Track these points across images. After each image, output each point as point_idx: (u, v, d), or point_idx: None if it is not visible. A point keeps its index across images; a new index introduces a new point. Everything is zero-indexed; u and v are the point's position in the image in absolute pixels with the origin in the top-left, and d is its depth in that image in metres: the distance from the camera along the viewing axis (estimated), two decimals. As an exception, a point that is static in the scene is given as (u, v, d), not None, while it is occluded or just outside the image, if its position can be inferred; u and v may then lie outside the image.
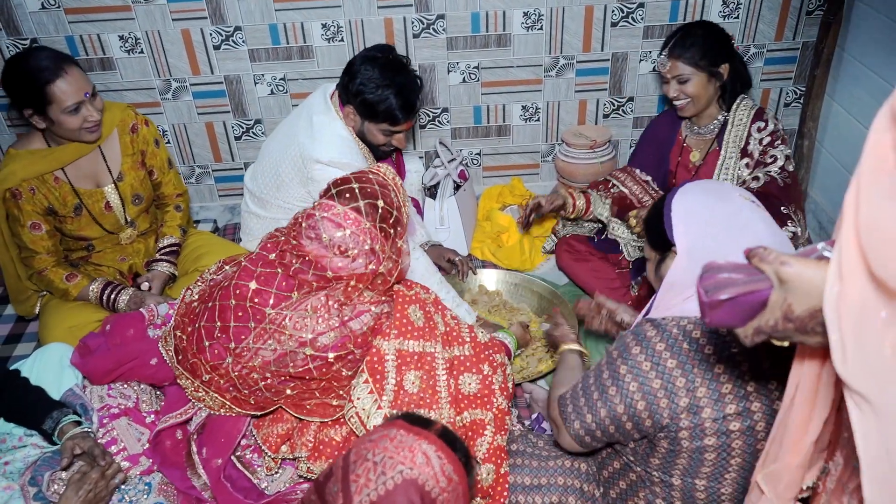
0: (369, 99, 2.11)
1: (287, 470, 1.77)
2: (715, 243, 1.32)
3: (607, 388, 1.38)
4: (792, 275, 0.79)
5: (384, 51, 2.17)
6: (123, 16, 2.58)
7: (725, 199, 1.37)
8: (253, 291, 1.60)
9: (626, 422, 1.37)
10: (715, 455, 1.32)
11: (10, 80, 2.00)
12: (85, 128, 2.06)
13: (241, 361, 1.60)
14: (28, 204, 2.09)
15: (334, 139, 2.19)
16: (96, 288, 2.19)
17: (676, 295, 1.37)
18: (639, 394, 1.33)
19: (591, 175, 2.83)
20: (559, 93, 2.86)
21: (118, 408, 1.81)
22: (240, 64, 2.71)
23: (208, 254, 2.42)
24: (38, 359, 1.91)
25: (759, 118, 2.23)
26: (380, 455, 1.05)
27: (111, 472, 1.62)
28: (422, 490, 1.03)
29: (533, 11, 2.66)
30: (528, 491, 1.61)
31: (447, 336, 1.76)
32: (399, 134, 2.22)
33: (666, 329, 1.34)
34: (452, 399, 1.69)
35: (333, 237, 1.54)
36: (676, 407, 1.29)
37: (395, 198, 1.63)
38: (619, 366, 1.37)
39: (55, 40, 2.60)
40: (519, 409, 2.09)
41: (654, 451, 1.39)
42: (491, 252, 2.75)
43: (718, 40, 2.19)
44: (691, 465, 1.35)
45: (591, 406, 1.41)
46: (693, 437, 1.30)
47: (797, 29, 2.73)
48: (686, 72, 2.17)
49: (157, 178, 2.38)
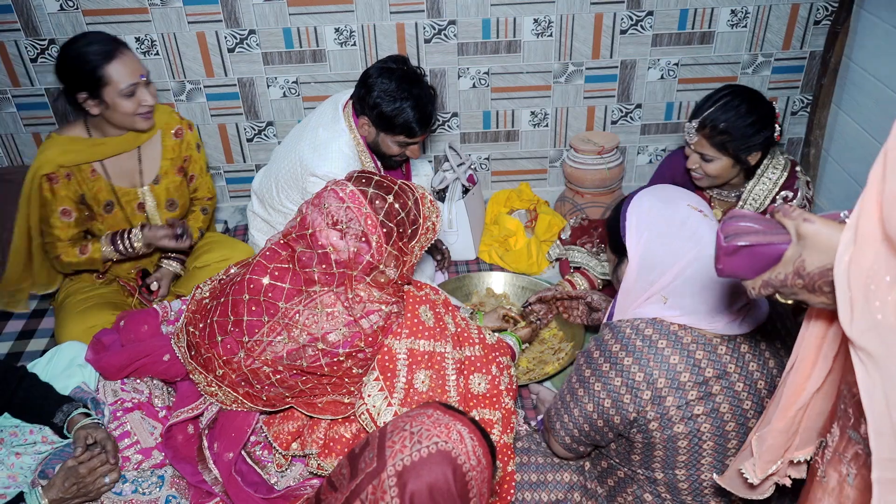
0: (386, 112, 2.12)
1: (297, 466, 1.79)
2: (664, 250, 1.38)
3: (576, 391, 1.48)
4: (811, 231, 0.81)
5: (399, 62, 2.17)
6: (140, 18, 2.62)
7: (674, 207, 1.41)
8: (267, 286, 1.63)
9: (597, 419, 1.45)
10: (687, 442, 1.39)
11: (65, 64, 2.00)
12: (139, 113, 2.06)
13: (253, 355, 1.63)
14: (63, 189, 2.09)
15: (335, 154, 2.20)
16: (107, 245, 2.18)
17: (632, 301, 1.45)
18: (604, 392, 1.41)
19: (598, 181, 2.86)
20: (568, 99, 2.89)
21: (131, 402, 1.83)
22: (253, 67, 2.75)
23: (211, 251, 2.44)
24: (52, 358, 1.94)
25: (789, 187, 2.05)
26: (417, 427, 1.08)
27: (103, 470, 1.62)
28: (454, 463, 1.05)
29: (543, 18, 2.69)
30: (534, 488, 1.64)
31: (458, 337, 1.78)
32: (414, 145, 2.23)
33: (620, 330, 1.43)
34: (462, 398, 1.71)
35: (331, 206, 1.57)
36: (640, 400, 1.37)
37: (414, 206, 1.64)
38: (584, 370, 1.46)
39: (72, 41, 2.64)
40: (525, 409, 2.11)
41: (633, 448, 1.46)
42: (498, 255, 2.78)
43: (757, 125, 1.94)
44: (667, 455, 1.42)
45: (567, 408, 1.51)
46: (663, 426, 1.38)
47: (804, 38, 2.76)
48: (711, 153, 1.99)
49: (194, 182, 2.39)
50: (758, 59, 2.80)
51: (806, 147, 2.89)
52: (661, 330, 1.39)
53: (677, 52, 2.79)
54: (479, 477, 1.08)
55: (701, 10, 2.69)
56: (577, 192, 2.93)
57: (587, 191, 2.90)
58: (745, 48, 2.78)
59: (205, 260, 2.40)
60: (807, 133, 2.89)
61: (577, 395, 1.47)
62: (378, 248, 1.58)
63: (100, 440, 1.65)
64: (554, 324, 2.42)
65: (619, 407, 1.40)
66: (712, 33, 2.75)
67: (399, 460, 1.04)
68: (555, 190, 3.11)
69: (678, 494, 1.46)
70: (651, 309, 1.41)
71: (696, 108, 2.01)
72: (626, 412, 1.39)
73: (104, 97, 2.00)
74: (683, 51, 2.79)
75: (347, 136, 2.23)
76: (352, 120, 2.23)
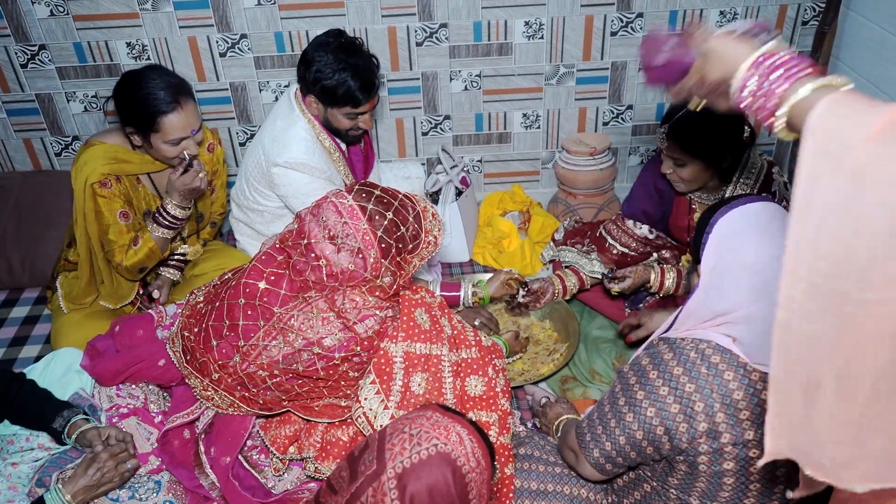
0: (328, 85, 2.11)
1: (294, 470, 1.79)
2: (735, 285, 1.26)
3: (624, 416, 1.37)
4: (710, 48, 1.03)
5: (336, 35, 2.16)
6: (131, 23, 2.62)
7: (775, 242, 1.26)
8: (262, 291, 1.63)
9: (646, 447, 1.36)
10: (734, 480, 1.31)
11: (124, 99, 2.00)
12: (180, 157, 2.06)
13: (249, 359, 1.63)
14: (117, 191, 2.08)
15: (293, 141, 2.21)
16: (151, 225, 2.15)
17: (695, 323, 1.35)
18: (657, 419, 1.32)
19: (590, 182, 2.87)
20: (559, 101, 2.90)
21: (127, 407, 1.83)
22: (245, 71, 2.75)
23: (207, 260, 2.45)
24: (49, 364, 1.93)
25: (766, 190, 2.07)
26: (416, 429, 1.08)
27: (124, 456, 1.63)
28: (454, 465, 1.06)
29: (534, 21, 2.70)
30: (535, 497, 1.61)
31: (454, 339, 1.78)
32: (364, 115, 2.22)
33: (683, 352, 1.31)
34: (458, 400, 1.71)
35: (328, 220, 1.57)
36: (695, 432, 1.28)
37: (414, 221, 1.64)
38: (636, 391, 1.35)
39: (63, 47, 2.64)
40: (522, 411, 2.12)
41: (673, 472, 1.38)
42: (492, 257, 2.79)
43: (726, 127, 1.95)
44: (710, 489, 1.34)
45: (609, 433, 1.40)
46: (712, 461, 1.30)
47: (792, 39, 2.79)
48: (683, 157, 2.00)
49: (213, 194, 2.39)
50: (747, 60, 2.82)
51: (795, 146, 2.91)
52: (730, 361, 1.28)
53: (667, 53, 2.80)
54: (478, 478, 1.09)
55: (690, 11, 2.71)
56: (569, 193, 2.94)
57: (580, 192, 2.91)
58: (734, 49, 2.80)
59: (202, 268, 2.41)
60: (796, 133, 2.92)
61: (625, 420, 1.36)
62: (374, 265, 1.58)
63: (113, 434, 1.66)
64: (548, 324, 2.43)
65: (671, 435, 1.31)
66: (702, 34, 2.76)
67: (399, 462, 1.05)
68: (547, 191, 3.12)
69: None
70: (719, 338, 1.31)
71: (666, 114, 2.03)
72: (679, 441, 1.30)
73: (150, 139, 2.02)
74: (673, 52, 2.80)
75: (302, 120, 2.23)
76: (301, 103, 2.23)
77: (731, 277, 1.27)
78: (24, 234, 2.66)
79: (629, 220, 2.37)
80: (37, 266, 2.63)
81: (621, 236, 2.36)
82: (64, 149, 2.89)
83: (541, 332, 2.41)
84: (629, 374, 1.39)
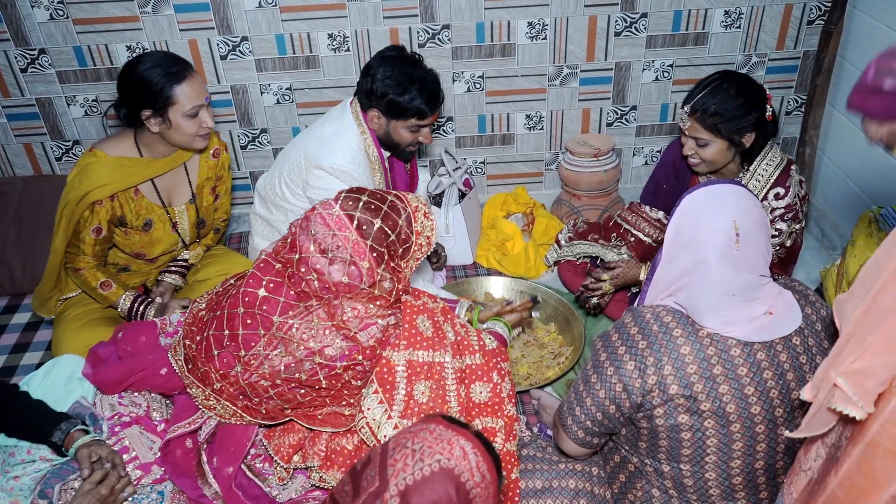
0: (395, 97, 2.13)
1: (299, 478, 1.77)
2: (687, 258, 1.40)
3: (590, 378, 1.48)
4: None
5: (397, 49, 2.19)
6: (131, 26, 2.60)
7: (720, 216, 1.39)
8: (262, 299, 1.61)
9: (608, 406, 1.45)
10: (690, 435, 1.40)
11: (131, 83, 1.99)
12: (200, 134, 2.07)
13: (251, 369, 1.61)
14: (104, 211, 2.09)
15: (341, 148, 2.20)
16: (126, 300, 2.20)
17: (658, 293, 1.49)
18: (615, 377, 1.43)
19: (594, 183, 2.85)
20: (563, 102, 2.88)
21: (129, 416, 1.81)
22: (246, 74, 2.73)
23: (211, 265, 2.43)
24: (50, 371, 1.91)
25: (781, 184, 2.05)
26: (419, 444, 1.06)
27: (120, 486, 1.62)
28: (457, 481, 1.04)
29: (537, 21, 2.68)
30: (540, 495, 1.63)
31: (458, 345, 1.76)
32: (425, 129, 2.24)
33: (640, 314, 1.46)
34: (463, 408, 1.70)
35: (318, 233, 1.55)
36: (646, 384, 1.39)
37: (406, 225, 1.62)
38: (600, 354, 1.48)
39: (63, 51, 2.62)
40: (527, 415, 2.10)
41: (640, 435, 1.47)
42: (496, 259, 2.77)
43: (748, 105, 1.96)
44: (671, 446, 1.43)
45: (580, 400, 1.51)
46: (667, 413, 1.40)
47: (798, 38, 2.76)
48: (705, 136, 2.01)
49: (217, 201, 2.39)
50: (752, 60, 2.80)
51: (801, 146, 2.89)
52: (680, 320, 1.42)
53: (671, 53, 2.78)
54: (483, 493, 1.07)
55: (695, 11, 2.69)
56: (573, 194, 2.92)
57: (584, 193, 2.89)
58: (739, 49, 2.78)
59: (204, 274, 2.39)
60: (801, 133, 2.90)
61: (591, 382, 1.48)
62: (369, 270, 1.56)
63: (104, 456, 1.63)
64: (554, 328, 2.41)
65: (629, 391, 1.41)
66: (706, 34, 2.74)
67: (401, 479, 1.03)
68: (551, 193, 3.10)
69: (684, 492, 1.47)
70: (671, 302, 1.46)
71: (688, 94, 2.04)
72: (635, 396, 1.41)
73: (168, 116, 2.01)
74: (678, 52, 2.78)
75: (354, 130, 2.23)
76: (360, 115, 2.23)
77: (685, 250, 1.40)
78: (24, 240, 2.65)
79: (645, 206, 2.42)
80: (38, 272, 2.60)
81: (637, 221, 2.41)
82: (65, 153, 2.88)
83: (545, 335, 2.39)
84: (597, 343, 1.52)
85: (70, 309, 2.24)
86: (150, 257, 2.28)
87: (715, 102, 1.96)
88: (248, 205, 3.07)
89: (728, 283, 1.36)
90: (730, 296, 1.37)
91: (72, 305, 2.25)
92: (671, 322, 1.42)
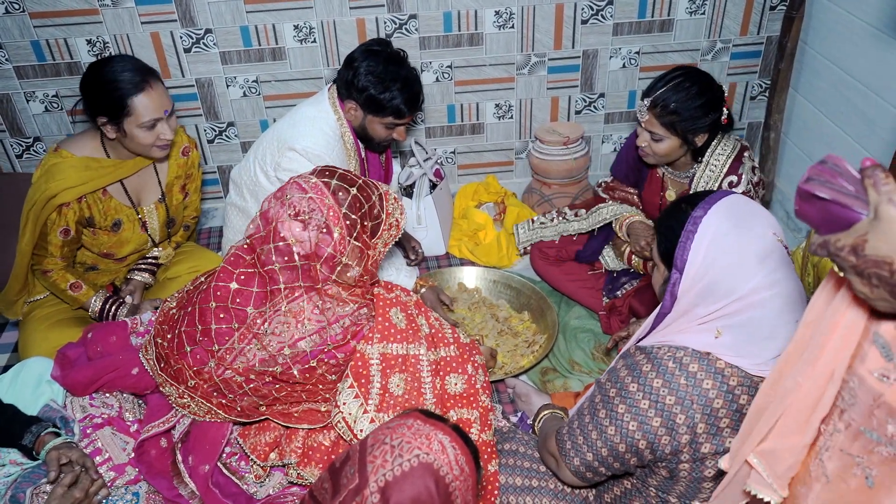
0: (375, 94, 2.11)
1: (276, 475, 1.77)
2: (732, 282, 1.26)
3: (606, 428, 1.37)
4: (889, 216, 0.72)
5: (383, 45, 2.17)
6: (91, 19, 2.54)
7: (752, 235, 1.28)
8: (234, 292, 1.60)
9: (629, 458, 1.38)
10: (713, 484, 1.34)
11: (91, 86, 1.94)
12: (157, 145, 2.02)
13: (224, 364, 1.60)
14: (71, 213, 2.04)
15: (315, 131, 2.18)
16: (97, 301, 2.17)
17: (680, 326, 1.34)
18: (639, 433, 1.33)
19: (564, 171, 2.87)
20: (531, 90, 2.89)
21: (101, 417, 1.79)
22: (211, 66, 2.69)
23: (181, 262, 2.40)
24: (18, 374, 1.87)
25: (734, 172, 2.08)
26: (397, 439, 1.07)
27: (94, 489, 1.60)
28: (437, 475, 1.05)
29: (504, 10, 2.68)
30: (520, 492, 1.62)
31: (432, 338, 1.77)
32: (401, 127, 2.23)
33: (661, 363, 1.32)
34: (438, 399, 1.71)
35: (293, 197, 1.55)
36: (678, 444, 1.31)
37: (378, 201, 1.63)
38: (616, 405, 1.36)
39: (20, 45, 2.55)
40: (503, 404, 2.12)
41: (653, 475, 1.41)
42: (469, 250, 2.77)
43: (706, 107, 2.00)
44: (689, 491, 1.38)
45: (590, 444, 1.41)
46: (693, 469, 1.33)
47: (761, 24, 2.80)
48: (660, 132, 2.05)
49: (187, 199, 2.34)
50: (716, 46, 2.84)
51: (766, 131, 2.94)
52: (708, 368, 1.29)
53: (638, 40, 2.80)
54: (462, 486, 1.08)
55: None
56: (544, 183, 2.94)
57: (554, 181, 2.91)
58: (703, 35, 2.81)
59: (175, 271, 2.36)
60: (766, 117, 2.94)
61: (607, 433, 1.37)
62: (340, 240, 1.55)
63: (75, 459, 1.60)
64: (527, 316, 2.43)
65: (654, 448, 1.33)
66: (672, 21, 2.77)
67: (381, 476, 1.04)
68: (522, 181, 3.11)
69: None
70: (699, 339, 1.31)
71: (649, 88, 2.05)
72: (662, 452, 1.33)
73: (123, 126, 1.96)
74: (644, 39, 2.80)
75: (331, 116, 2.21)
76: (337, 103, 2.21)
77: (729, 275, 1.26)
78: (-14, 239, 2.58)
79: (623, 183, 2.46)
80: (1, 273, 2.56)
81: (619, 194, 2.45)
82: (25, 150, 2.81)
83: (519, 323, 2.41)
84: (608, 386, 1.39)
85: (37, 310, 2.20)
86: (119, 257, 2.24)
87: (675, 101, 1.99)
88: (217, 199, 3.03)
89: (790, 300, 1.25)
90: None
91: (39, 306, 2.21)
92: (698, 371, 1.29)
